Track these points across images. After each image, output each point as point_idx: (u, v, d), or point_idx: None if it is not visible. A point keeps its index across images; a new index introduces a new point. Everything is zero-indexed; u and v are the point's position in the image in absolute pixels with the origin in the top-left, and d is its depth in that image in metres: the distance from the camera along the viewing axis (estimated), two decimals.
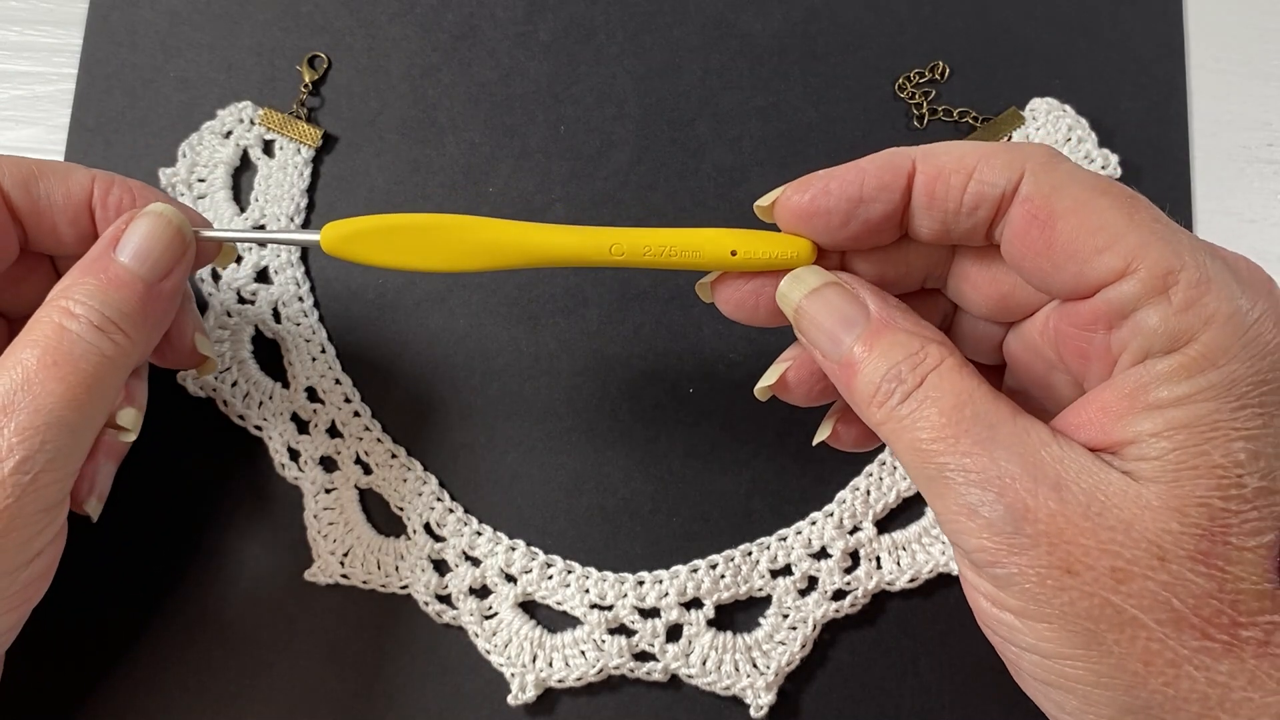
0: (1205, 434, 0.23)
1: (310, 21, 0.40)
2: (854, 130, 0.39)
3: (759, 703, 0.34)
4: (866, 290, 0.27)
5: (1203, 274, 0.23)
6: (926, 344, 0.25)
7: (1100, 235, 0.24)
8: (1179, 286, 0.23)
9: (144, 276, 0.27)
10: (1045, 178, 0.25)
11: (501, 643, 0.34)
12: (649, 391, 0.37)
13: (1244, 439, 0.23)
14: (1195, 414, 0.23)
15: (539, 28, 0.40)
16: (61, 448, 0.25)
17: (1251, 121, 0.40)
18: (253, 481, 0.36)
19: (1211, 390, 0.23)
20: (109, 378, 0.26)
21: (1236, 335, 0.23)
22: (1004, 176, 0.25)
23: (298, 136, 0.38)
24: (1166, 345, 0.23)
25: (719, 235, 0.28)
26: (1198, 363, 0.23)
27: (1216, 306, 0.23)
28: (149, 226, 0.28)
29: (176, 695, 0.34)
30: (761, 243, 0.28)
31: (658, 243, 0.28)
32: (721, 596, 0.35)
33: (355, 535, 0.35)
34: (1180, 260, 0.23)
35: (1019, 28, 0.40)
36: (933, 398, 0.25)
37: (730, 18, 0.40)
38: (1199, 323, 0.23)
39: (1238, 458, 0.23)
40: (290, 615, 0.35)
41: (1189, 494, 0.23)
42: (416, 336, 0.37)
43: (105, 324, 0.26)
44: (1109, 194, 0.24)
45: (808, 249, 0.28)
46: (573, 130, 0.39)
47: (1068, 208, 0.24)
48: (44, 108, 0.39)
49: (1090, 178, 0.25)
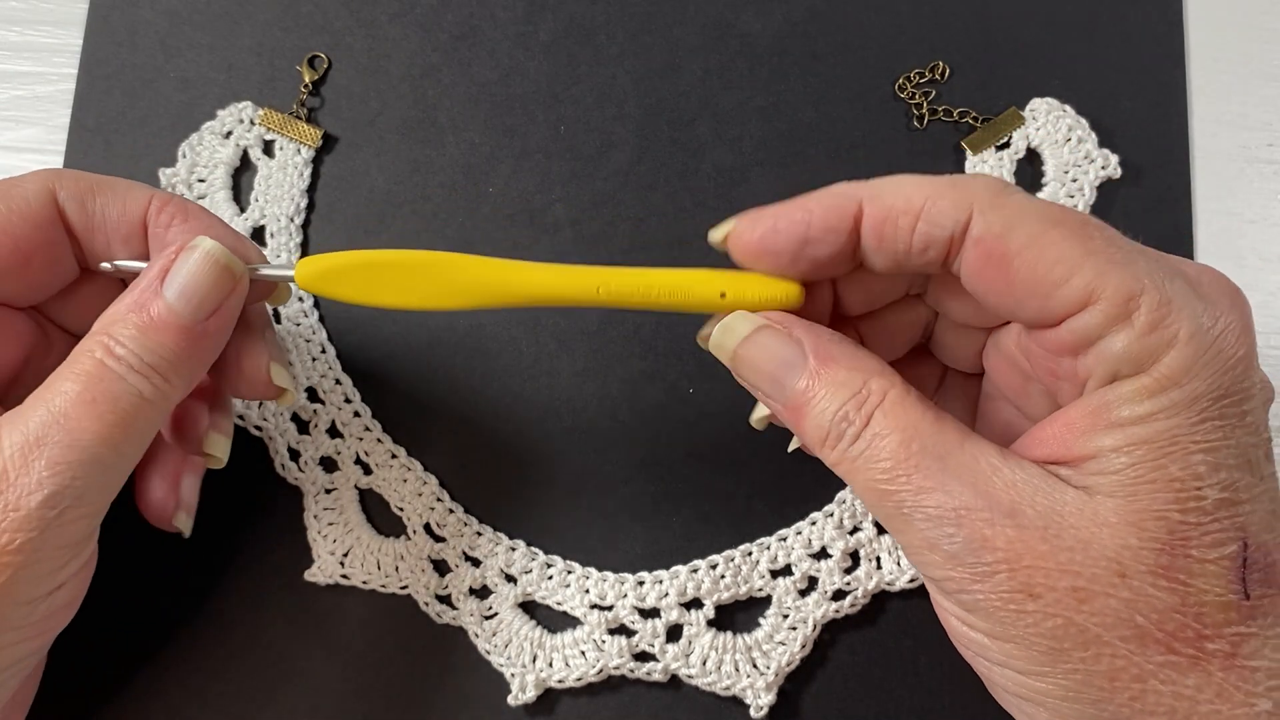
0: (1164, 449, 0.23)
1: (310, 21, 0.40)
2: (854, 130, 0.39)
3: (759, 703, 0.34)
4: (801, 328, 0.27)
5: (1163, 296, 0.23)
6: (868, 379, 0.25)
7: (1058, 268, 0.24)
8: (1141, 311, 0.23)
9: (188, 317, 0.27)
10: (995, 216, 0.25)
11: (501, 643, 0.34)
12: (649, 391, 0.37)
13: (1203, 451, 0.23)
14: (1156, 430, 0.23)
15: (539, 28, 0.40)
16: (92, 485, 0.25)
17: (1251, 121, 0.40)
18: (253, 481, 0.36)
19: (1174, 408, 0.23)
20: (146, 419, 0.26)
21: (1198, 354, 0.23)
22: (951, 218, 0.25)
23: (298, 137, 0.38)
24: (1132, 368, 0.24)
25: (709, 277, 0.28)
26: (1161, 383, 0.23)
27: (1178, 327, 0.23)
28: (196, 265, 0.27)
29: (176, 695, 0.34)
30: (752, 284, 0.27)
31: (646, 283, 0.28)
32: (721, 597, 0.35)
33: (355, 535, 0.35)
34: (1140, 284, 0.24)
35: (1019, 28, 0.40)
36: (881, 434, 0.25)
37: (730, 18, 0.40)
38: (1162, 345, 0.23)
39: (1197, 470, 0.23)
40: (290, 615, 0.35)
41: (1146, 508, 0.23)
42: (416, 336, 0.37)
43: (145, 368, 0.26)
44: (1062, 224, 0.24)
45: (796, 291, 0.27)
46: (573, 130, 0.39)
47: (1021, 244, 0.24)
48: (44, 108, 0.39)
49: (1041, 208, 0.25)
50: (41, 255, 0.28)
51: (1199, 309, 0.24)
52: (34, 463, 0.24)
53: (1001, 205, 0.25)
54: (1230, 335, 0.24)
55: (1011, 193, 0.25)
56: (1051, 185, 0.38)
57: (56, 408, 0.25)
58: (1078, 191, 0.38)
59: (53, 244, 0.28)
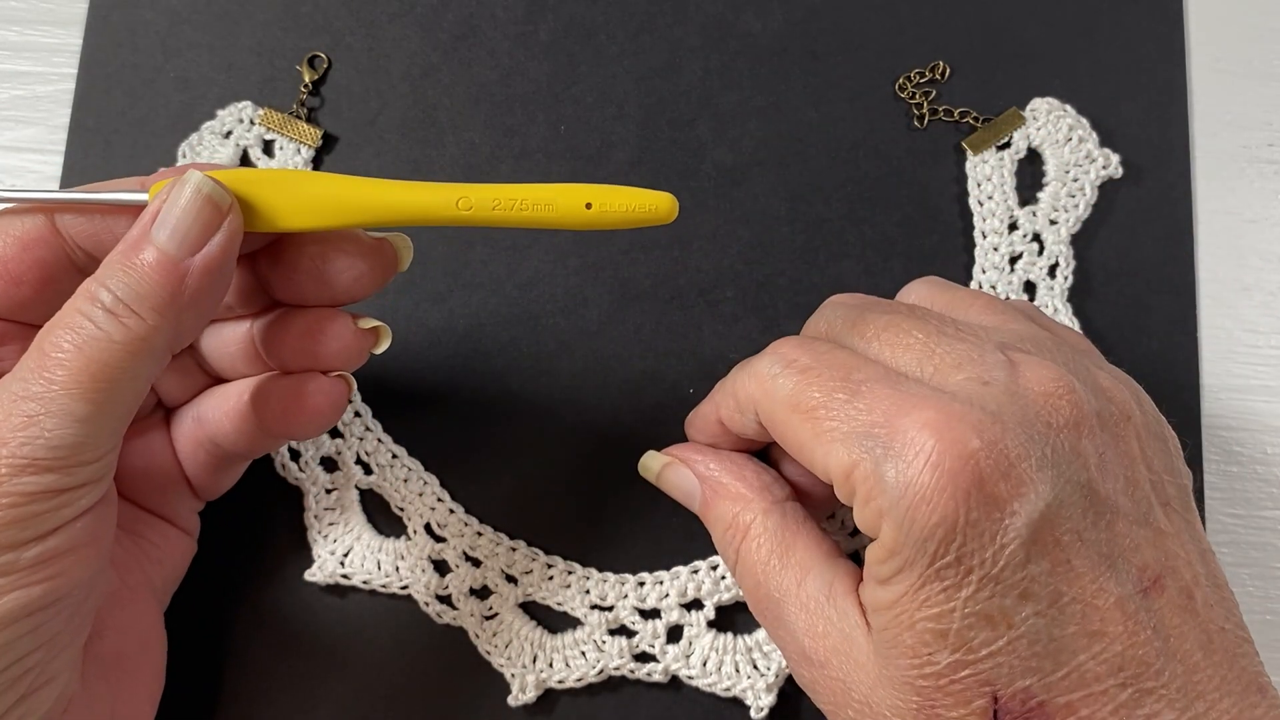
0: (898, 615, 0.24)
1: (310, 21, 0.40)
2: (854, 130, 0.39)
3: (759, 704, 0.34)
4: (698, 458, 0.32)
5: (869, 468, 0.24)
6: (741, 511, 0.30)
7: (802, 453, 0.27)
8: (857, 484, 0.25)
9: (171, 252, 0.25)
10: (765, 414, 0.28)
11: (502, 643, 0.34)
12: (649, 391, 0.37)
13: (928, 619, 0.24)
14: (893, 595, 0.24)
15: (539, 28, 0.40)
16: (67, 437, 0.24)
17: (1252, 121, 0.40)
18: (253, 481, 0.35)
19: (899, 575, 0.24)
20: (123, 364, 0.25)
21: (899, 525, 0.24)
22: (751, 427, 0.29)
23: (298, 137, 0.38)
24: (872, 534, 0.25)
25: (574, 190, 0.27)
26: (887, 550, 0.24)
27: (881, 500, 0.24)
28: (174, 196, 0.26)
29: (176, 695, 0.34)
30: (618, 197, 0.27)
31: (508, 196, 0.27)
32: (722, 598, 0.35)
33: (355, 535, 0.35)
34: (853, 457, 0.25)
35: (1019, 28, 0.40)
36: (741, 574, 0.30)
37: (730, 18, 0.40)
38: (876, 516, 0.24)
39: (923, 638, 0.24)
40: (290, 615, 0.35)
41: (897, 672, 0.24)
42: (416, 336, 0.37)
43: (117, 307, 0.25)
44: (798, 410, 0.26)
45: (666, 202, 0.27)
46: (573, 130, 0.39)
47: (780, 435, 0.27)
48: (44, 108, 0.39)
49: (788, 399, 0.27)
50: (33, 275, 0.28)
51: (893, 477, 0.24)
52: (12, 418, 0.24)
53: (769, 400, 0.27)
54: (923, 504, 0.23)
55: (775, 388, 0.27)
56: (1052, 185, 0.38)
57: (30, 361, 0.24)
58: (1079, 191, 0.38)
59: (45, 264, 0.28)
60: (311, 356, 0.30)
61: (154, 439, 0.32)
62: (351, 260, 0.29)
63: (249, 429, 0.31)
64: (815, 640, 0.27)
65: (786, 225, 0.38)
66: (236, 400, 0.31)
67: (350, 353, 0.31)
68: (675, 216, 0.27)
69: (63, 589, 0.25)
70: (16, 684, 0.25)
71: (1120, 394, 0.27)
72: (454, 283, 0.38)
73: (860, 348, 0.28)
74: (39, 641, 0.25)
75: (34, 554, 0.25)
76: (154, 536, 0.32)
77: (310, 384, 0.31)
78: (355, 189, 0.27)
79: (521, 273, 0.38)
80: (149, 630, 0.32)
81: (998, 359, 0.26)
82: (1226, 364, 0.38)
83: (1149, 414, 0.27)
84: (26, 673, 0.25)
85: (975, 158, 0.38)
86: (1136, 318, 0.37)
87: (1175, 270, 0.38)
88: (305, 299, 0.30)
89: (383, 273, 0.30)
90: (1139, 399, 0.27)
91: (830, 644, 0.26)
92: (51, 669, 0.26)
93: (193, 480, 0.33)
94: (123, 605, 0.30)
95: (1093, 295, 0.37)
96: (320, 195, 0.27)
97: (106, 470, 0.26)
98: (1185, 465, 0.28)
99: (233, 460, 0.33)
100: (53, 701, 0.26)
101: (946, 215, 0.38)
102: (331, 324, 0.30)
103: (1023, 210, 0.38)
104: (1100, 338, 0.37)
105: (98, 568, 0.27)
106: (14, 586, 0.24)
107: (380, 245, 0.30)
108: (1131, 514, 0.25)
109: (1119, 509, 0.25)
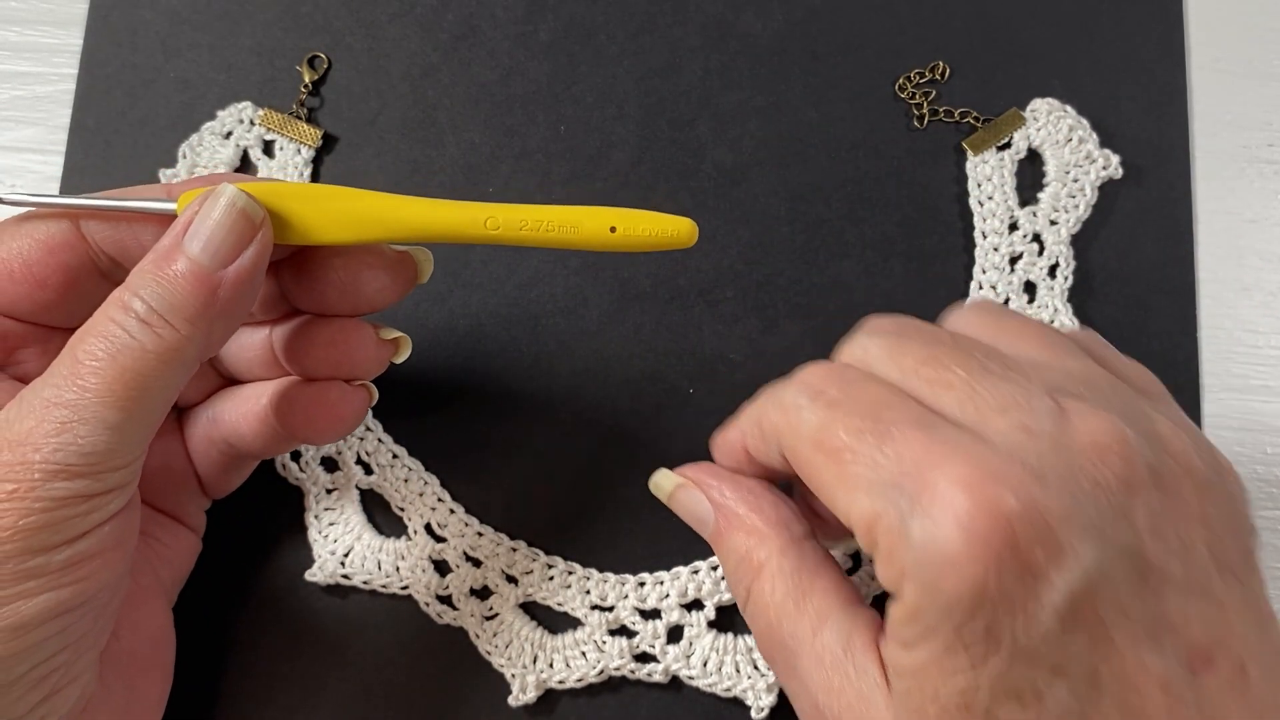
0: (922, 683, 0.22)
1: (310, 21, 0.40)
2: (854, 130, 0.39)
3: (760, 704, 0.34)
4: (713, 483, 0.29)
5: (894, 522, 0.22)
6: (755, 547, 0.27)
7: (825, 494, 0.25)
8: (880, 537, 0.23)
9: (205, 265, 0.25)
10: (789, 449, 0.26)
11: (502, 643, 0.34)
12: (649, 391, 0.37)
13: (953, 693, 0.22)
14: (914, 662, 0.23)
15: (539, 28, 0.40)
16: (99, 444, 0.24)
17: (1252, 121, 0.40)
18: (253, 481, 0.35)
19: (922, 639, 0.22)
20: (155, 372, 0.25)
21: (924, 592, 0.22)
22: (776, 459, 0.27)
23: (298, 137, 0.38)
24: (894, 591, 0.23)
25: (598, 213, 0.27)
26: (909, 612, 0.23)
27: (904, 559, 0.22)
28: (207, 208, 0.26)
29: (176, 695, 0.34)
30: (642, 221, 0.27)
31: (535, 218, 0.27)
32: (722, 598, 0.35)
33: (356, 535, 0.35)
34: (877, 508, 0.23)
35: (1019, 28, 0.40)
36: (753, 615, 0.27)
37: (730, 18, 0.40)
38: (899, 576, 0.23)
39: (947, 709, 0.22)
40: (290, 615, 0.35)
41: None
42: (416, 336, 0.37)
43: (151, 316, 0.25)
44: (821, 449, 0.24)
45: (687, 228, 0.27)
46: (573, 130, 0.39)
47: (804, 473, 0.25)
48: (44, 108, 0.39)
49: (814, 431, 0.25)
50: (57, 278, 0.28)
51: (919, 536, 0.22)
52: (43, 422, 0.24)
53: (793, 434, 0.26)
54: (950, 569, 0.21)
55: (800, 421, 0.25)
56: (1053, 185, 0.38)
57: (62, 368, 0.25)
58: (1079, 192, 0.38)
59: (69, 267, 0.28)
60: (334, 365, 0.31)
61: (167, 438, 0.33)
62: (376, 273, 0.30)
63: (268, 431, 0.31)
64: (829, 696, 0.25)
65: (786, 225, 0.38)
66: (255, 403, 0.32)
67: (372, 362, 0.31)
68: (695, 242, 0.28)
69: (90, 591, 0.25)
70: (42, 683, 0.25)
71: (1180, 444, 0.24)
72: (454, 283, 0.38)
73: (896, 379, 0.25)
74: (66, 642, 0.25)
75: (64, 557, 0.25)
76: (164, 536, 0.33)
77: (333, 392, 0.31)
78: (385, 205, 0.27)
79: (521, 273, 0.38)
80: (159, 629, 0.32)
81: (1045, 405, 0.23)
82: (1226, 364, 0.38)
83: (1210, 464, 0.25)
84: (52, 672, 0.25)
85: (975, 158, 0.38)
86: (1136, 318, 0.37)
87: (1175, 270, 0.38)
88: (328, 309, 0.31)
89: (405, 285, 0.30)
90: (1200, 448, 0.25)
91: (845, 701, 0.25)
92: (75, 669, 0.26)
93: (203, 478, 0.33)
94: (135, 605, 0.31)
95: (1093, 295, 0.38)
96: (350, 210, 0.27)
97: (134, 476, 0.26)
98: (1251, 519, 0.25)
99: (244, 460, 0.34)
100: (74, 701, 0.26)
101: (946, 215, 0.38)
102: (355, 334, 0.31)
103: (1023, 210, 0.38)
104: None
105: (123, 570, 0.27)
106: (44, 589, 0.25)
107: (403, 258, 0.30)
108: (1184, 582, 0.22)
109: (1170, 577, 0.22)
